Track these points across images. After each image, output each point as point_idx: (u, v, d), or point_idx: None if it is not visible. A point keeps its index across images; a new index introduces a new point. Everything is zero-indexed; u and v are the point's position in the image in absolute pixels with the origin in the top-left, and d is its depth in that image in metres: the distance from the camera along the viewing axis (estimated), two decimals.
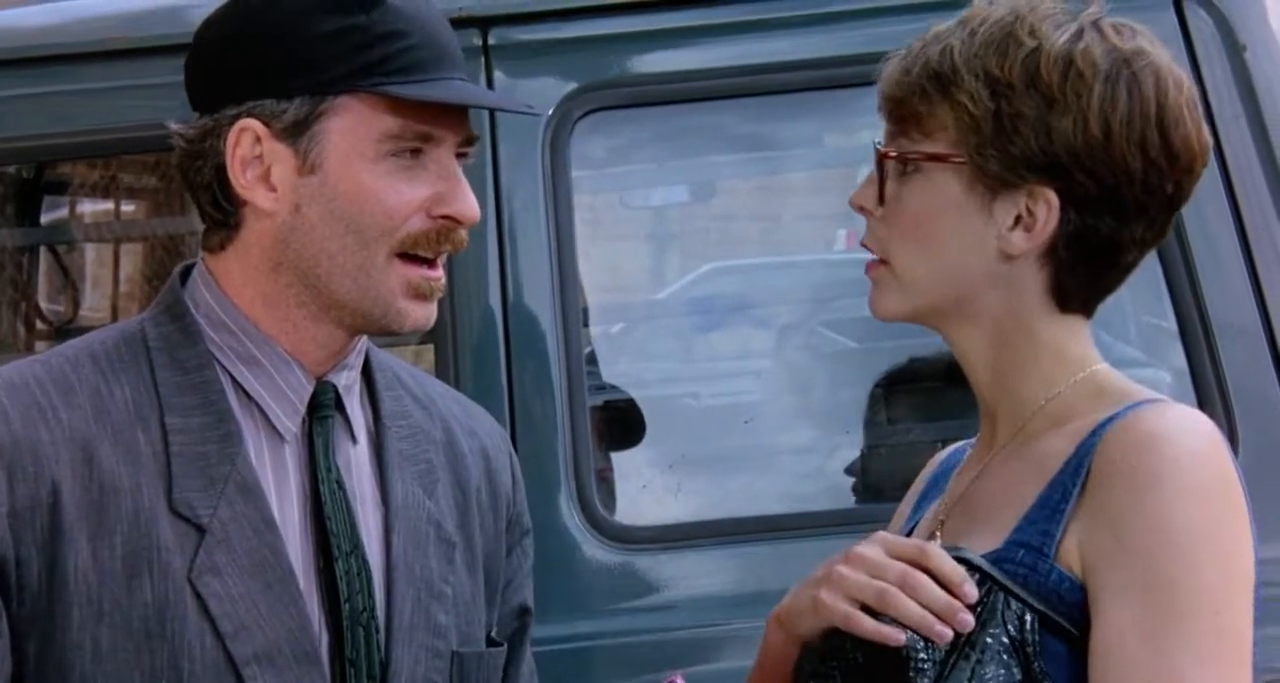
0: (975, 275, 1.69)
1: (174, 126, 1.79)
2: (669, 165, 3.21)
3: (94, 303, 4.36)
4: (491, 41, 2.64)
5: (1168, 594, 1.55)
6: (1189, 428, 1.62)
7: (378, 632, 1.75)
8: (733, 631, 2.44)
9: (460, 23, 2.65)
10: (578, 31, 2.66)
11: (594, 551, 2.53)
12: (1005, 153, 1.66)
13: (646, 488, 2.78)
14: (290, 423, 1.77)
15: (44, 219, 3.65)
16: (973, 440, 1.83)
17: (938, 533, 1.72)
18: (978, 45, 1.68)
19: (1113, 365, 3.08)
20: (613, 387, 2.92)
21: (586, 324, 2.84)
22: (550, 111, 2.62)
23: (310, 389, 1.77)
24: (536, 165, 2.61)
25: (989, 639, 1.57)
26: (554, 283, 2.59)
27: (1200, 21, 2.61)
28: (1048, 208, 1.67)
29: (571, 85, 2.63)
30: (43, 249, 3.78)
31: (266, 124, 1.74)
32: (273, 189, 1.75)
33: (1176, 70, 1.69)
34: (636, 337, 3.27)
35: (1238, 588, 1.57)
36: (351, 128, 1.73)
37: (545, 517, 2.53)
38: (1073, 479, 1.62)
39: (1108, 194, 1.67)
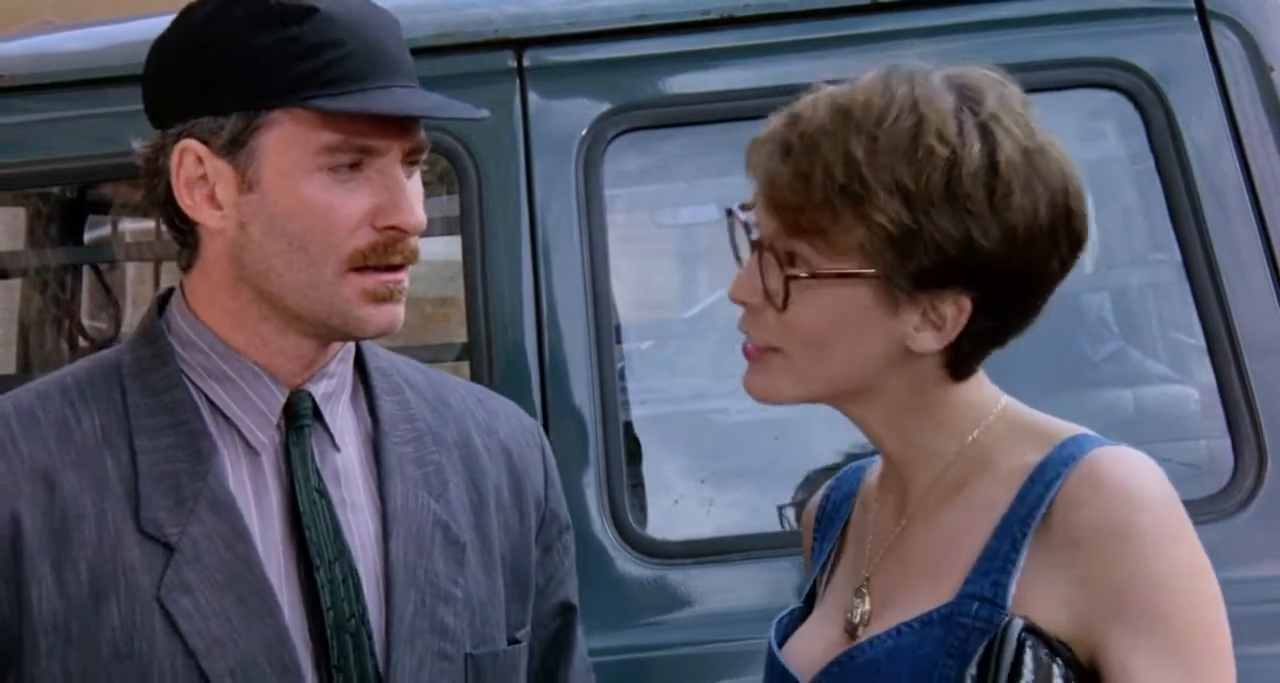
0: (878, 369, 1.65)
1: (135, 145, 1.79)
2: (701, 185, 3.23)
3: (135, 320, 4.38)
4: (526, 63, 2.67)
5: (1183, 645, 1.55)
6: (1146, 469, 1.59)
7: (369, 638, 1.73)
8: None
9: (495, 44, 2.69)
10: (612, 53, 2.68)
11: (626, 564, 2.55)
12: (920, 267, 1.60)
13: (678, 502, 2.79)
14: (263, 436, 1.76)
15: (87, 238, 3.68)
16: (857, 469, 1.82)
17: (864, 590, 1.69)
18: (883, 153, 1.59)
19: (1143, 382, 3.07)
20: (645, 402, 2.94)
21: (619, 340, 2.85)
22: (584, 131, 2.65)
23: (283, 400, 1.76)
24: (570, 185, 2.64)
25: None
26: (587, 300, 2.62)
27: (1227, 42, 2.61)
28: (958, 310, 1.63)
29: (605, 106, 2.66)
30: (85, 268, 3.82)
31: (206, 142, 1.72)
32: (218, 207, 1.73)
33: (1067, 154, 1.64)
34: (668, 352, 3.28)
35: (1222, 611, 1.58)
36: (286, 142, 1.70)
37: (577, 530, 2.55)
38: (1022, 529, 1.59)
39: (1019, 297, 1.64)
